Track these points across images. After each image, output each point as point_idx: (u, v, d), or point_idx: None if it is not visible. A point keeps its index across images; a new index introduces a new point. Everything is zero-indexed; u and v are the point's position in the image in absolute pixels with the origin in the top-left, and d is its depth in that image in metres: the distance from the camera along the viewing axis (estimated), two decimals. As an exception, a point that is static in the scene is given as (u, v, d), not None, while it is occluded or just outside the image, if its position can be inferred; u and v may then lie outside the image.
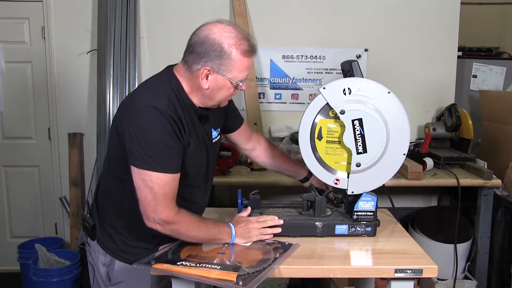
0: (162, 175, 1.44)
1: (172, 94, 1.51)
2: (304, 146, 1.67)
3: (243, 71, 1.53)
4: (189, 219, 1.52)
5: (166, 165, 1.45)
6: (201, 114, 1.60)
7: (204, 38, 1.48)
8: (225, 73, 1.50)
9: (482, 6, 4.41)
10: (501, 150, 3.00)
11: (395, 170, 1.66)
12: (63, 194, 3.39)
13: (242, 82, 1.55)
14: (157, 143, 1.44)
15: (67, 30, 3.25)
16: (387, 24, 3.28)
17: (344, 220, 1.70)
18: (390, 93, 1.62)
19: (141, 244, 1.63)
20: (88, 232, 1.70)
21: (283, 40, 3.26)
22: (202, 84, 1.51)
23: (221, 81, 1.51)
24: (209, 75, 1.50)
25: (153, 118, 1.44)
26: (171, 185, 1.47)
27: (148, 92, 1.53)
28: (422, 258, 1.52)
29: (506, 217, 2.83)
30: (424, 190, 3.35)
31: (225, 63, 1.48)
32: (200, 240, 1.56)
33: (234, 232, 1.59)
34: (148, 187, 1.44)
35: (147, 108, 1.45)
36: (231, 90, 1.55)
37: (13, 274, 3.28)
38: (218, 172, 2.71)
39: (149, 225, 1.49)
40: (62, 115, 3.31)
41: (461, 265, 2.90)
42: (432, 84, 3.33)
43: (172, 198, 1.48)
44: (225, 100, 1.61)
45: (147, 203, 1.46)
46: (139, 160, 1.45)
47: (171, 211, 1.47)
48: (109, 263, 1.66)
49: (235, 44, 1.48)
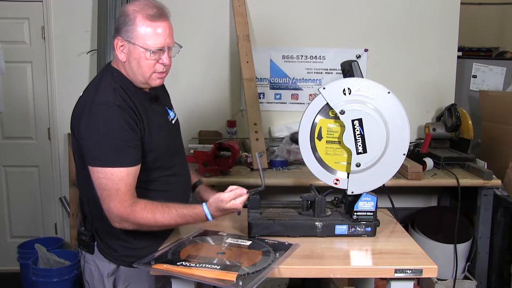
0: (116, 170, 1.43)
1: (116, 85, 1.51)
2: (304, 146, 1.67)
3: (153, 38, 1.48)
4: (147, 207, 1.47)
5: (120, 159, 1.44)
6: (150, 95, 1.59)
7: (119, 13, 1.52)
8: (134, 40, 1.47)
9: (482, 6, 4.41)
10: (501, 150, 3.00)
11: (395, 170, 1.66)
12: (63, 194, 3.39)
13: (155, 50, 1.49)
14: (110, 139, 1.43)
15: (67, 30, 3.26)
16: (387, 24, 3.28)
17: (344, 220, 1.70)
18: (390, 93, 1.62)
19: (141, 244, 1.62)
20: (86, 245, 1.66)
21: (283, 40, 3.26)
22: (119, 56, 1.51)
23: (134, 51, 1.49)
24: (123, 46, 1.50)
25: (104, 115, 1.44)
26: (126, 180, 1.45)
27: (94, 91, 1.52)
28: (422, 258, 1.52)
29: (506, 217, 2.83)
30: (424, 190, 3.35)
31: (130, 29, 1.47)
32: (171, 225, 1.54)
33: (206, 208, 1.53)
34: (102, 185, 1.44)
35: (96, 106, 1.45)
36: (149, 61, 1.50)
37: (13, 274, 3.28)
38: (218, 172, 2.71)
39: (113, 225, 1.48)
40: (62, 115, 3.31)
41: (461, 265, 2.90)
42: (432, 84, 3.33)
43: (126, 193, 1.45)
44: (151, 76, 1.54)
45: (102, 202, 1.46)
46: (93, 158, 1.45)
47: (122, 206, 1.44)
48: (113, 271, 1.64)
49: (139, 10, 1.48)
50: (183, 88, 3.21)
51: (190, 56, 3.21)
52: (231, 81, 3.30)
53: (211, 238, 1.63)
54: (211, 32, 3.24)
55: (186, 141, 2.71)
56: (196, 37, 3.22)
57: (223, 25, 3.23)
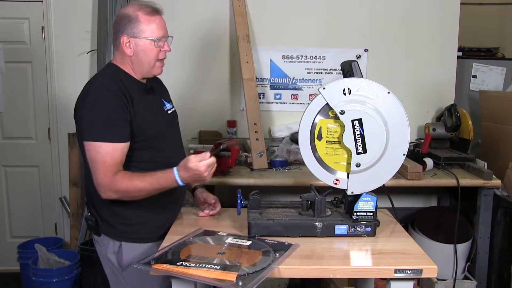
0: (103, 144, 1.59)
1: (114, 75, 1.70)
2: (304, 146, 1.67)
3: (156, 30, 1.70)
4: (126, 175, 1.61)
5: (107, 135, 1.59)
6: (145, 86, 1.78)
7: (116, 18, 1.73)
8: (140, 34, 1.69)
9: (482, 6, 4.41)
10: (501, 150, 3.00)
11: (395, 170, 1.67)
12: (63, 194, 3.39)
13: (159, 39, 1.71)
14: (99, 117, 1.60)
15: (67, 30, 3.26)
16: (387, 24, 3.28)
17: (344, 220, 1.70)
18: (390, 93, 1.62)
19: (138, 220, 1.73)
20: (93, 229, 1.80)
21: (283, 40, 3.26)
22: (127, 52, 1.70)
23: (141, 43, 1.70)
24: (129, 43, 1.70)
25: (98, 95, 1.63)
26: (112, 154, 1.60)
27: (92, 80, 1.73)
28: (422, 258, 1.52)
29: (506, 217, 2.83)
30: (424, 190, 3.35)
31: (135, 26, 1.68)
32: (148, 190, 1.63)
33: (176, 170, 1.62)
34: (92, 157, 1.60)
35: (91, 90, 1.65)
36: (154, 50, 1.71)
37: (13, 274, 3.28)
38: (218, 172, 2.71)
39: (101, 196, 1.62)
40: (62, 115, 3.32)
41: (461, 265, 2.90)
42: (432, 84, 3.33)
43: (111, 165, 1.59)
44: (154, 63, 1.73)
45: (93, 175, 1.61)
46: (85, 133, 1.62)
47: (106, 176, 1.59)
48: (117, 250, 1.75)
49: (138, 9, 1.70)
50: (183, 88, 3.21)
51: (190, 56, 3.21)
52: (231, 81, 3.29)
53: (211, 238, 1.63)
54: (211, 32, 3.24)
55: (186, 141, 2.71)
56: (196, 37, 3.22)
57: (223, 25, 3.23)
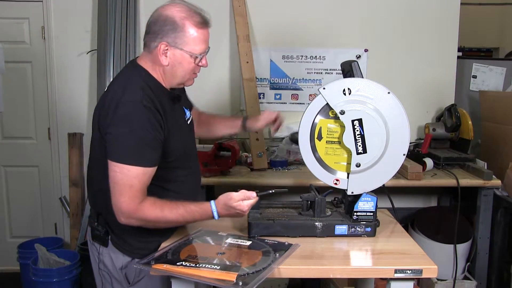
0: (133, 168, 1.45)
1: (144, 84, 1.54)
2: (304, 146, 1.67)
3: (199, 44, 1.57)
4: (156, 203, 1.50)
5: (139, 158, 1.47)
6: (173, 95, 1.64)
7: (157, 16, 1.56)
8: (182, 46, 1.54)
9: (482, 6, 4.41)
10: (501, 150, 3.00)
11: (395, 170, 1.67)
12: (63, 194, 3.39)
13: (201, 55, 1.59)
14: (133, 137, 1.46)
15: (67, 30, 3.26)
16: (387, 24, 3.28)
17: (344, 221, 1.70)
18: (390, 93, 1.62)
19: (154, 238, 1.63)
20: (100, 239, 1.68)
21: (283, 40, 3.26)
22: (162, 61, 1.55)
23: (180, 56, 1.56)
24: (167, 51, 1.55)
25: (130, 113, 1.47)
26: (140, 178, 1.47)
27: (122, 88, 1.53)
28: (422, 259, 1.52)
29: (506, 218, 2.83)
30: (424, 190, 3.35)
31: (179, 35, 1.53)
32: (179, 222, 1.57)
33: (214, 205, 1.55)
34: (116, 179, 1.46)
35: (124, 103, 1.48)
36: (191, 64, 1.58)
37: (12, 274, 3.28)
38: (218, 172, 2.71)
39: (119, 220, 1.50)
40: (62, 115, 3.31)
41: (461, 265, 2.90)
42: (432, 84, 3.33)
43: (138, 190, 1.47)
44: (188, 77, 1.63)
45: (112, 196, 1.48)
46: (114, 153, 1.47)
47: (132, 202, 1.46)
48: (126, 264, 1.65)
49: (187, 17, 1.54)
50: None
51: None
52: (231, 81, 3.29)
53: (211, 238, 1.63)
54: (211, 32, 3.21)
55: (186, 141, 2.71)
56: (196, 37, 3.21)
57: (223, 25, 3.23)
